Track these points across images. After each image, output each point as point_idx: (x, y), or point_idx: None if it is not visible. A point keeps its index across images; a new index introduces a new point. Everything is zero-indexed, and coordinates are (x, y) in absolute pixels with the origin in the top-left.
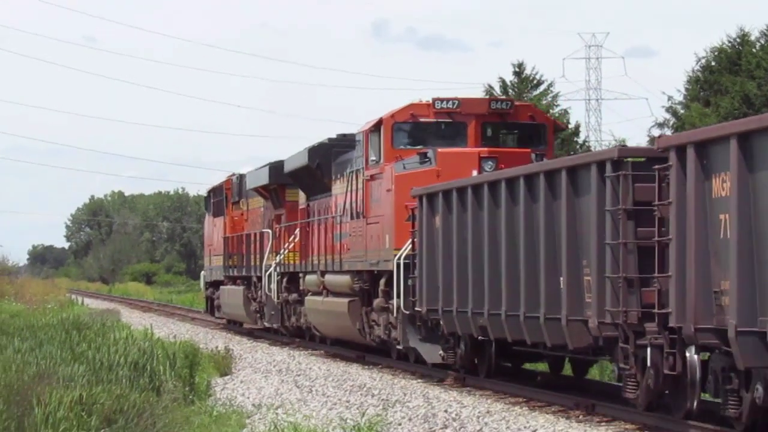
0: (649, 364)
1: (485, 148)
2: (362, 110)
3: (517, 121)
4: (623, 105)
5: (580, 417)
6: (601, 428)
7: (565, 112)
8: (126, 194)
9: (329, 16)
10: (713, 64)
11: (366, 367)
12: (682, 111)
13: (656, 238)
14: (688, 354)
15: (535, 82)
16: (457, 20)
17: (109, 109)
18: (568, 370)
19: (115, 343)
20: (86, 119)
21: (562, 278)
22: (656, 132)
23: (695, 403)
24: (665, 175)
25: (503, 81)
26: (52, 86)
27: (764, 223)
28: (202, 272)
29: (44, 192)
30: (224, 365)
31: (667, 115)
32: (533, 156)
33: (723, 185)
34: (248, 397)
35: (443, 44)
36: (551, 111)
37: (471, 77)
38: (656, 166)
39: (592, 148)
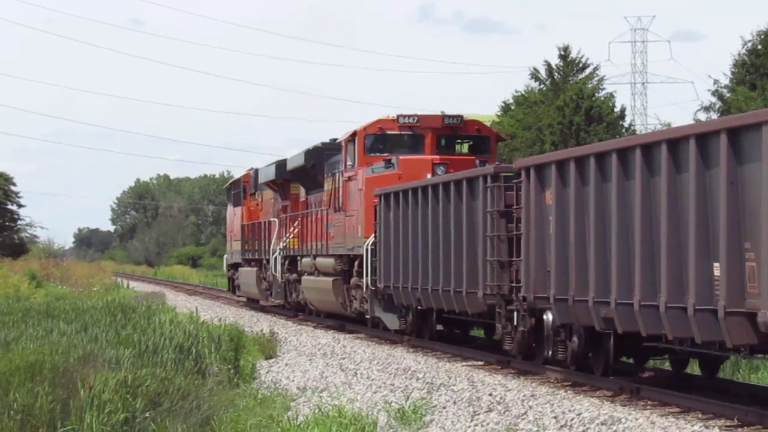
0: (515, 324)
1: (437, 156)
2: (405, 94)
3: (466, 134)
4: (669, 89)
5: (625, 401)
6: (645, 412)
7: (611, 95)
8: (171, 177)
9: (375, 0)
10: (759, 47)
11: (411, 350)
12: (728, 95)
13: (515, 232)
14: (544, 316)
15: (580, 65)
16: (504, 3)
17: (155, 93)
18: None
19: (160, 326)
20: (132, 102)
21: (464, 262)
22: (702, 116)
23: (549, 352)
24: (519, 186)
25: (548, 64)
26: (99, 70)
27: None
28: (225, 255)
29: (90, 175)
30: (269, 348)
31: (713, 99)
32: (477, 162)
33: (550, 196)
34: (293, 381)
35: (489, 27)
36: (597, 95)
37: (517, 60)
38: (515, 180)
39: (638, 132)
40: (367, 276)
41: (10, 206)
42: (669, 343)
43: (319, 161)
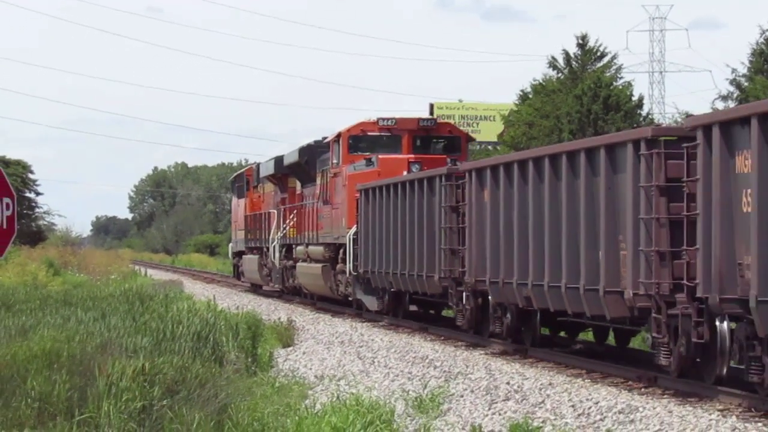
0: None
1: (413, 155)
2: (422, 82)
3: (440, 135)
4: (687, 77)
5: (642, 390)
6: (663, 401)
7: (629, 84)
8: (189, 165)
9: None
10: None
11: (428, 339)
12: (746, 84)
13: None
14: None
15: (598, 54)
16: None
17: (173, 81)
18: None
19: (178, 314)
20: (150, 90)
21: (425, 250)
22: (720, 105)
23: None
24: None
25: (566, 53)
26: (117, 58)
27: None
28: (230, 244)
29: (108, 163)
30: (287, 337)
31: (731, 88)
32: (448, 160)
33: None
34: (310, 369)
35: (509, 16)
36: (615, 83)
37: (535, 49)
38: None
39: (656, 121)
40: (349, 262)
41: (28, 194)
42: (578, 317)
43: (312, 157)
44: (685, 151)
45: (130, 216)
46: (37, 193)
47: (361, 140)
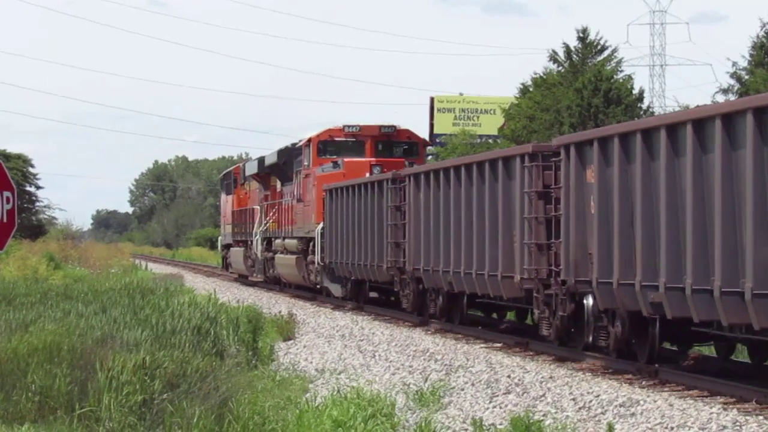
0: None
1: (374, 159)
2: (423, 75)
3: (399, 140)
4: (687, 71)
5: (643, 383)
6: (663, 394)
7: (629, 78)
8: (190, 159)
9: None
10: None
11: (429, 332)
12: (746, 77)
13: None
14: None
15: (599, 47)
16: None
17: (174, 75)
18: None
19: (178, 307)
20: (151, 84)
21: (375, 243)
22: (720, 98)
23: (590, 338)
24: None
25: (567, 46)
26: (119, 52)
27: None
28: (220, 237)
29: (108, 157)
30: (287, 330)
31: (732, 81)
32: (406, 163)
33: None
34: (311, 362)
35: (509, 9)
36: (615, 77)
37: (536, 42)
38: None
39: (656, 114)
40: (317, 254)
41: (28, 188)
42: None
43: (289, 159)
44: (554, 164)
45: (130, 210)
46: (38, 187)
47: (329, 145)
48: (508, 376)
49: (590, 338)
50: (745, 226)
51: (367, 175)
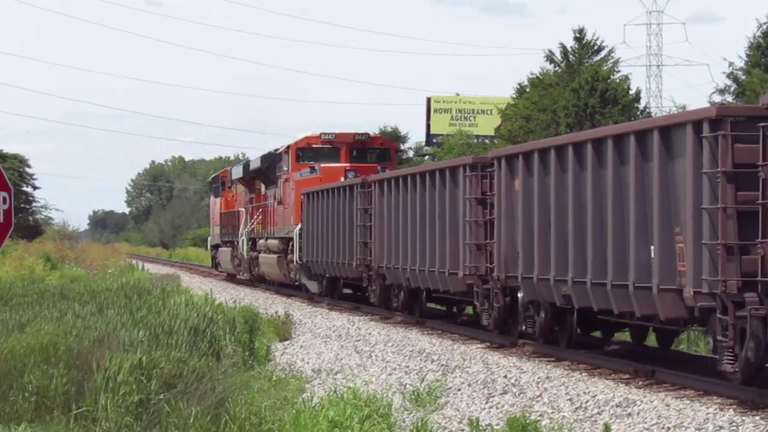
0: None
1: (349, 164)
2: (420, 75)
3: (372, 146)
4: (684, 71)
5: (640, 383)
6: (660, 394)
7: (626, 78)
8: (186, 159)
9: None
10: None
11: (426, 332)
12: (743, 77)
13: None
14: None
15: (595, 48)
16: None
17: (171, 75)
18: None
19: (175, 307)
20: (148, 84)
21: (346, 242)
22: (717, 98)
23: (523, 326)
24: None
25: (563, 47)
26: (115, 51)
27: None
28: (209, 237)
29: (105, 157)
30: (284, 330)
31: (728, 82)
32: (379, 168)
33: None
34: (308, 362)
35: (507, 9)
36: (612, 77)
37: (533, 42)
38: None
39: (653, 115)
40: (296, 253)
41: (25, 188)
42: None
43: (272, 164)
44: (489, 174)
45: (127, 210)
46: (35, 187)
47: (306, 151)
48: (505, 377)
49: (523, 327)
50: (629, 232)
51: (342, 179)
